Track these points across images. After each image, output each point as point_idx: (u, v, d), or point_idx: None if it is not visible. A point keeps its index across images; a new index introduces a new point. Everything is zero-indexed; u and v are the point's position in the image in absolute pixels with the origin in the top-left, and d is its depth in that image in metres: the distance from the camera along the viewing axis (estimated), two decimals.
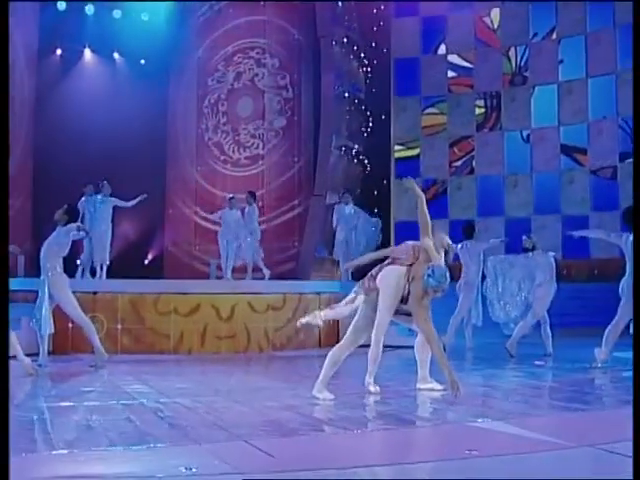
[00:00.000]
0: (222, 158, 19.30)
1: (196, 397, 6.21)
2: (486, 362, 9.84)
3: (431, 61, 18.60)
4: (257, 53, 19.15)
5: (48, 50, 18.55)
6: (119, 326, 9.94)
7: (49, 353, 9.54)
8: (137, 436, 4.58)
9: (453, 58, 18.45)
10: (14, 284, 9.87)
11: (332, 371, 6.25)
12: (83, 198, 12.98)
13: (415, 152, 18.78)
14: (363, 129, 19.19)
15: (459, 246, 11.47)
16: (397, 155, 18.91)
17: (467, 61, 18.34)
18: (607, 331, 8.38)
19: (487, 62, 17.95)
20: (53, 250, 8.33)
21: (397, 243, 18.69)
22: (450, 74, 18.48)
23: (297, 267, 17.17)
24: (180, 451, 4.23)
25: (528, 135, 17.61)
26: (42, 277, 8.41)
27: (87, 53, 19.05)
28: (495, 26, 18.03)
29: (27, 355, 8.65)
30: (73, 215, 8.63)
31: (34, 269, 11.35)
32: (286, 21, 18.88)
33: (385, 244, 18.86)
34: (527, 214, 17.41)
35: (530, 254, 10.23)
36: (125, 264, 17.89)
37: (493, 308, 10.44)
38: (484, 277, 11.11)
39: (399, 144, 18.89)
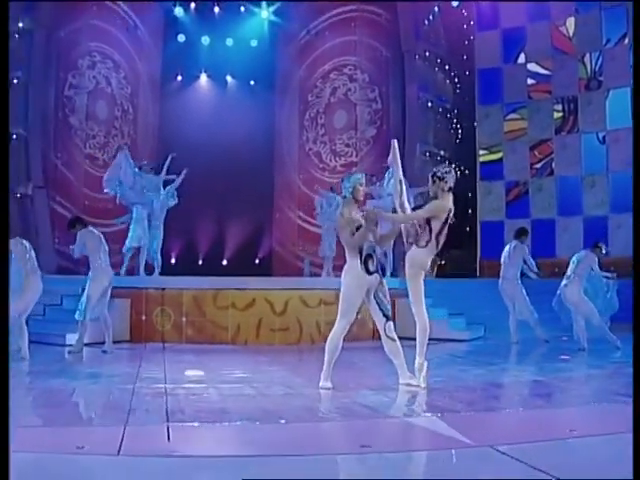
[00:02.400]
0: (321, 166, 19.54)
1: (189, 385, 6.29)
2: (521, 356, 9.47)
3: (512, 70, 17.93)
4: (349, 70, 19.25)
5: (170, 77, 19.47)
6: (184, 319, 10.24)
7: (127, 341, 10.11)
8: (82, 416, 4.72)
9: (532, 66, 17.69)
10: None
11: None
12: None
13: (498, 156, 18.20)
14: (450, 135, 18.80)
15: (508, 245, 11.12)
16: (482, 159, 18.40)
17: (545, 68, 17.53)
18: None
19: (564, 68, 17.10)
20: (85, 252, 8.82)
21: (483, 241, 18.30)
22: (530, 81, 17.74)
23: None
24: (96, 431, 4.32)
25: (604, 137, 16.61)
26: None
27: (203, 78, 19.84)
28: (570, 34, 17.11)
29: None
30: (75, 223, 8.99)
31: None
32: (374, 39, 18.88)
33: (473, 242, 18.45)
34: (604, 213, 16.49)
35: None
36: (239, 263, 18.55)
37: None
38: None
39: (483, 149, 18.37)
